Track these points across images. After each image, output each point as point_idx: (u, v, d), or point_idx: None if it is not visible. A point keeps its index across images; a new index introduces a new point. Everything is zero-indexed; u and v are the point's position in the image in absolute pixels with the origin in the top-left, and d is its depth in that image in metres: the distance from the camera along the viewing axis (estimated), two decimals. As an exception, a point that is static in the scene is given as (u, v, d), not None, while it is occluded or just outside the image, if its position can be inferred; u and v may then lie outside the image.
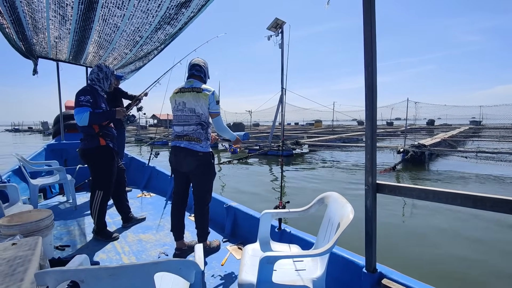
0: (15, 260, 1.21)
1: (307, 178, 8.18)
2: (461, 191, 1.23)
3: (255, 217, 2.51)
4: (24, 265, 1.16)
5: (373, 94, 1.45)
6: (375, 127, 1.51)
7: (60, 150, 4.91)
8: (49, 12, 2.49)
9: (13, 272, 1.10)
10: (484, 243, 3.87)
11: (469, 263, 3.35)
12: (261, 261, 1.27)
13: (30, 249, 1.32)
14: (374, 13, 1.40)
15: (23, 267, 1.14)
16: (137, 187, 4.57)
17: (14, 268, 1.13)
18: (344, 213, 1.38)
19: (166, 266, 0.96)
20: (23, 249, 1.32)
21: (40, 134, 40.41)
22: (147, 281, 0.94)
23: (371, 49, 1.42)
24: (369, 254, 1.53)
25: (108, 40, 3.26)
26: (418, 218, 4.91)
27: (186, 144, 2.14)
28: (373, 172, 1.50)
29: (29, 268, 1.14)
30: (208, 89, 2.13)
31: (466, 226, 4.46)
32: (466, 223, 4.58)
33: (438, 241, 3.96)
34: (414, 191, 1.39)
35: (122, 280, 0.91)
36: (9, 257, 1.23)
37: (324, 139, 15.78)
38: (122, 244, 2.58)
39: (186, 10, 2.37)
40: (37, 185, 3.38)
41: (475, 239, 3.99)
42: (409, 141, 11.12)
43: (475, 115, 34.16)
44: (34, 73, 4.12)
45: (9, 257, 1.24)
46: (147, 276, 0.93)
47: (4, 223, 1.95)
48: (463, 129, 22.78)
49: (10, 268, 1.13)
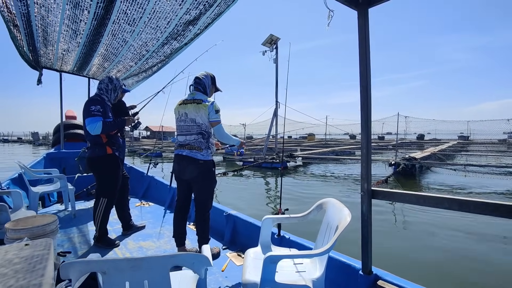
0: (32, 258, 1.27)
1: (302, 188, 8.28)
2: (448, 196, 1.36)
3: (254, 225, 2.59)
4: (43, 262, 1.22)
5: (368, 105, 1.59)
6: (370, 137, 1.64)
7: (59, 159, 4.94)
8: (62, 26, 2.62)
9: (33, 268, 1.17)
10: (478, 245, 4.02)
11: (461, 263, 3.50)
12: (265, 260, 1.36)
13: (45, 249, 1.38)
14: (368, 36, 1.57)
15: (42, 264, 1.20)
16: (135, 196, 4.60)
17: (34, 265, 1.19)
18: (342, 216, 1.48)
19: (181, 259, 1.04)
20: (38, 249, 1.37)
21: (30, 144, 39.89)
22: (163, 273, 1.02)
23: (366, 66, 1.57)
24: (365, 257, 1.63)
25: (115, 53, 3.39)
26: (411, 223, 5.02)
27: (187, 153, 2.25)
28: (369, 179, 1.63)
29: (47, 265, 1.20)
30: (208, 100, 2.28)
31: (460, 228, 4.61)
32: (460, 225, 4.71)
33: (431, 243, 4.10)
34: (406, 196, 1.51)
35: (141, 271, 0.99)
36: (27, 255, 1.29)
37: (318, 152, 15.99)
38: (123, 251, 2.62)
39: (193, 27, 2.53)
40: (38, 193, 3.41)
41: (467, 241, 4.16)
42: (400, 154, 11.38)
43: (463, 130, 35.04)
44: (38, 83, 4.21)
45: (26, 255, 1.30)
46: (164, 268, 1.02)
47: (10, 227, 1.99)
48: (452, 144, 23.32)
49: (29, 265, 1.19)
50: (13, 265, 1.21)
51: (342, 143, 27.46)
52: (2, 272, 1.14)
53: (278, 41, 11.92)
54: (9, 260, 1.27)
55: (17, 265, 1.21)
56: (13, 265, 1.20)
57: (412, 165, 9.95)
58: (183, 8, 2.17)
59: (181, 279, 1.28)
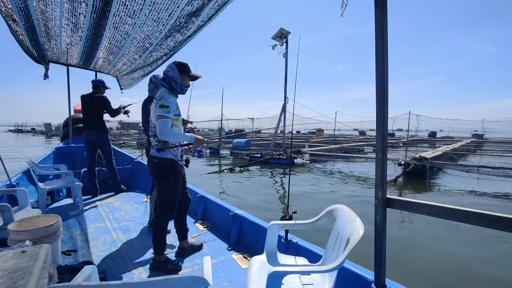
0: (16, 272, 1.19)
1: (309, 186, 8.15)
2: (475, 210, 1.21)
3: (261, 226, 2.50)
4: (25, 277, 1.14)
5: (384, 108, 1.44)
6: (386, 141, 1.49)
7: (68, 154, 4.96)
8: (62, 20, 2.53)
9: (13, 285, 1.08)
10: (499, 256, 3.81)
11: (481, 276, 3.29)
12: (270, 276, 1.26)
13: (32, 260, 1.31)
14: (386, 29, 1.40)
15: (24, 279, 1.12)
16: (142, 191, 4.59)
17: (15, 281, 1.11)
18: (354, 228, 1.36)
19: (175, 283, 0.95)
20: (25, 260, 1.29)
21: (43, 135, 41.01)
22: (156, 297, 0.93)
23: (383, 63, 1.41)
24: (378, 270, 1.51)
25: (118, 47, 3.30)
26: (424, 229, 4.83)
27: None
28: (384, 187, 1.49)
29: (29, 280, 1.12)
30: (158, 96, 2.14)
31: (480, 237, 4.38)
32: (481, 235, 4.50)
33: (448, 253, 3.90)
34: (425, 207, 1.37)
35: (132, 296, 0.90)
36: (10, 268, 1.22)
37: (326, 148, 15.71)
38: (127, 251, 2.58)
39: (197, 19, 2.39)
40: (45, 189, 3.42)
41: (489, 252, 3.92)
42: (410, 153, 10.98)
43: (477, 128, 33.83)
44: (45, 78, 4.18)
45: (10, 268, 1.22)
46: (157, 292, 0.93)
47: (13, 228, 1.97)
48: (465, 143, 22.52)
49: (11, 281, 1.11)
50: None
51: (351, 139, 26.96)
52: None
53: (288, 35, 11.58)
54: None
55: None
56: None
57: (423, 165, 9.60)
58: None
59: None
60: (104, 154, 4.43)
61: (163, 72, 2.22)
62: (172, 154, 2.21)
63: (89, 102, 4.30)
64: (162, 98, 2.08)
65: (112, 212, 3.63)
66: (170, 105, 2.06)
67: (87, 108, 4.31)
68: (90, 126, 4.29)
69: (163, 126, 2.02)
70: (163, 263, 2.25)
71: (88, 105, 4.30)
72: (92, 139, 4.29)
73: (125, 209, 3.77)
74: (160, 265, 2.24)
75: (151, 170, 2.27)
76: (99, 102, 4.32)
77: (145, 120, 2.80)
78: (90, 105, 4.30)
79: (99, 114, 4.35)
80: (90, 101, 4.30)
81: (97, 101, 4.31)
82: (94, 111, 4.30)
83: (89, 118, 4.30)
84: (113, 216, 3.47)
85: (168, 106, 2.05)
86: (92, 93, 4.35)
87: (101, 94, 4.39)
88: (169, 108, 2.05)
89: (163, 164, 2.19)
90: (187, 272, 2.25)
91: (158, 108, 2.05)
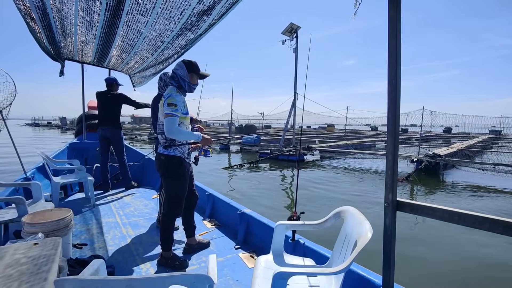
0: (39, 259, 1.25)
1: (319, 184, 8.07)
2: (490, 216, 1.16)
3: (268, 226, 2.49)
4: (48, 264, 1.20)
5: (396, 108, 1.40)
6: (397, 143, 1.45)
7: (82, 149, 5.09)
8: (77, 18, 2.59)
9: (37, 271, 1.14)
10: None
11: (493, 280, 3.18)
12: (275, 276, 1.25)
13: (53, 249, 1.36)
14: (400, 22, 1.36)
15: (47, 266, 1.18)
16: (152, 188, 4.65)
17: (39, 267, 1.17)
18: (362, 231, 1.33)
19: (180, 280, 0.95)
20: (47, 248, 1.36)
21: (59, 129, 42.16)
22: (161, 293, 0.94)
23: (396, 61, 1.37)
24: (387, 275, 1.47)
25: (131, 45, 3.35)
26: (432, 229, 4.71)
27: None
28: (394, 189, 1.45)
29: (52, 268, 1.17)
30: (166, 94, 2.14)
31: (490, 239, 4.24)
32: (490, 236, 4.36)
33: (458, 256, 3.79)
34: (437, 212, 1.33)
35: (137, 291, 0.91)
36: (34, 255, 1.28)
37: (336, 144, 15.52)
38: (136, 246, 2.62)
39: (208, 17, 2.40)
40: (59, 183, 3.51)
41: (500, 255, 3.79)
42: (423, 149, 10.70)
43: (495, 124, 32.62)
44: (61, 75, 4.29)
45: (34, 255, 1.28)
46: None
47: (27, 221, 2.03)
48: (482, 139, 21.77)
49: (35, 267, 1.17)
50: (20, 265, 1.19)
51: (362, 135, 26.54)
52: (8, 274, 1.12)
53: (299, 29, 11.49)
54: (17, 260, 1.26)
55: (24, 265, 1.19)
56: (19, 266, 1.18)
57: (436, 162, 9.35)
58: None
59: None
60: (117, 150, 4.53)
61: (172, 70, 2.23)
62: (179, 152, 2.23)
63: (105, 100, 4.39)
64: (170, 96, 2.08)
65: (122, 207, 3.70)
66: (178, 103, 2.07)
67: (103, 105, 4.41)
68: (105, 123, 4.38)
69: (170, 124, 2.02)
70: (170, 259, 2.27)
71: (104, 102, 4.39)
72: (107, 135, 4.39)
73: (135, 205, 3.83)
74: (168, 262, 2.26)
75: (158, 167, 2.29)
76: (117, 100, 4.40)
77: (154, 118, 2.84)
78: (106, 102, 4.38)
79: (115, 111, 4.43)
80: (105, 99, 4.38)
81: (115, 99, 4.40)
82: (110, 108, 4.39)
83: (105, 115, 4.39)
84: (123, 212, 3.53)
85: (176, 104, 2.06)
86: (107, 90, 4.43)
87: (115, 91, 4.47)
88: (177, 106, 2.06)
89: (171, 161, 2.20)
90: (194, 269, 2.27)
91: (166, 106, 2.05)
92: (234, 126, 23.64)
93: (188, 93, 2.31)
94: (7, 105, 3.37)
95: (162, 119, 2.13)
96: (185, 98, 2.25)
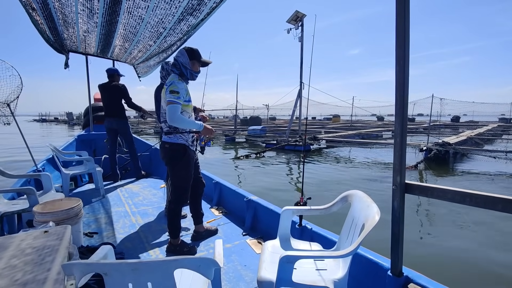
0: (44, 249, 1.27)
1: (325, 172, 8.04)
2: (503, 196, 1.12)
3: (275, 212, 2.49)
4: (52, 254, 1.21)
5: (404, 90, 1.35)
6: (405, 124, 1.41)
7: (90, 141, 5.14)
8: (77, 6, 2.56)
9: (41, 261, 1.16)
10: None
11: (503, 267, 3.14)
12: (281, 260, 1.24)
13: (58, 239, 1.38)
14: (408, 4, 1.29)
15: (51, 256, 1.19)
16: (160, 177, 4.70)
17: (43, 258, 1.18)
18: (370, 214, 1.31)
19: (185, 263, 0.96)
20: (52, 239, 1.38)
21: (66, 124, 42.73)
22: (167, 276, 0.94)
23: (404, 42, 1.31)
24: (395, 257, 1.46)
25: (133, 33, 3.31)
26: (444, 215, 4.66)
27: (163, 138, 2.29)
28: (402, 171, 1.42)
29: (56, 258, 1.19)
30: (168, 81, 2.13)
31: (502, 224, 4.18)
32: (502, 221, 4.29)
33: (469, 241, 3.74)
34: (448, 193, 1.29)
35: (143, 274, 0.92)
36: (39, 246, 1.30)
37: (343, 134, 15.36)
38: (145, 234, 2.67)
39: (209, 1, 2.34)
40: (69, 174, 3.57)
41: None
42: (432, 138, 10.48)
43: (505, 112, 31.67)
44: (65, 67, 4.30)
45: (38, 246, 1.30)
46: (168, 271, 0.94)
47: (38, 210, 2.07)
48: (491, 127, 21.20)
49: (39, 257, 1.18)
50: (25, 255, 1.21)
51: (369, 125, 26.15)
52: (12, 264, 1.14)
53: (304, 18, 11.18)
54: (22, 250, 1.28)
55: (28, 256, 1.21)
56: (24, 256, 1.20)
57: (446, 151, 9.17)
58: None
59: (193, 281, 1.22)
60: (126, 141, 4.57)
61: (174, 58, 2.20)
62: (183, 139, 2.22)
63: (107, 91, 4.40)
64: (172, 84, 2.06)
65: (131, 197, 3.76)
66: (180, 91, 2.04)
67: (106, 97, 4.42)
68: (111, 114, 4.40)
69: (172, 111, 2.01)
70: (178, 246, 2.30)
71: (107, 94, 4.41)
72: (114, 126, 4.42)
73: (143, 194, 3.88)
74: (176, 248, 2.29)
75: (163, 156, 2.29)
76: (116, 91, 4.41)
77: (157, 107, 2.83)
78: (108, 94, 4.39)
79: (118, 102, 4.45)
80: (108, 90, 4.39)
81: (115, 89, 4.40)
82: (113, 100, 4.40)
83: (109, 106, 4.41)
84: (132, 201, 3.58)
85: (178, 92, 2.03)
86: (108, 82, 4.43)
87: (116, 82, 4.46)
88: (179, 94, 2.04)
89: (175, 149, 2.20)
90: (202, 255, 2.30)
91: (168, 94, 2.03)
92: (239, 119, 23.56)
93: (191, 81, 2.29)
94: (14, 98, 3.41)
95: (165, 107, 2.12)
96: (187, 86, 2.22)
